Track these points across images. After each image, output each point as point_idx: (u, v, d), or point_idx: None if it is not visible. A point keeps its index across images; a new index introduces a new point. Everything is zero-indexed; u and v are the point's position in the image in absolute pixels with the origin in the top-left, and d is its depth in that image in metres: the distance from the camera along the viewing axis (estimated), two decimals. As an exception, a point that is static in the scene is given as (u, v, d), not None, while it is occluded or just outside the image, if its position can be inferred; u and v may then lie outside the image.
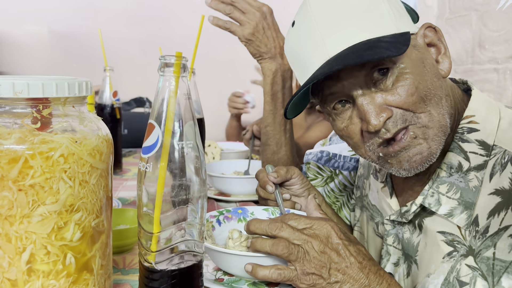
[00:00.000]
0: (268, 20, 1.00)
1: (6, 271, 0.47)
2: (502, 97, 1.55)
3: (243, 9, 0.99)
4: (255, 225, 0.65)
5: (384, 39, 0.62)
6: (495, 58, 1.58)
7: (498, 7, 1.54)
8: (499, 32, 1.56)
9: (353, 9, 0.65)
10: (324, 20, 0.66)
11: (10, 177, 0.46)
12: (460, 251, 0.65)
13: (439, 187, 0.68)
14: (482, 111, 0.69)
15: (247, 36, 0.99)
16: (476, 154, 0.66)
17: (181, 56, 0.50)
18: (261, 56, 1.02)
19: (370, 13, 0.65)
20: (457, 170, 0.67)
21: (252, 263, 0.63)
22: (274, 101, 1.03)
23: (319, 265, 0.60)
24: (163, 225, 0.51)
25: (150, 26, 2.45)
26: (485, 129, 0.67)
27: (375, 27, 0.63)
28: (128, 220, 0.85)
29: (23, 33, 2.37)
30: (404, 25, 0.66)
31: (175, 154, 0.51)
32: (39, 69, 2.36)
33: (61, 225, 0.48)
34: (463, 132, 0.68)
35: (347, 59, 0.61)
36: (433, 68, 0.67)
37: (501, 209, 0.63)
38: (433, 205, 0.68)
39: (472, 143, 0.67)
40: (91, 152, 0.50)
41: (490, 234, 0.63)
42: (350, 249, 0.62)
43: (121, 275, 0.71)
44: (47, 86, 0.47)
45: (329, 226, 0.63)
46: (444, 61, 0.69)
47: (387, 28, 0.64)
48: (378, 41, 0.62)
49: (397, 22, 0.65)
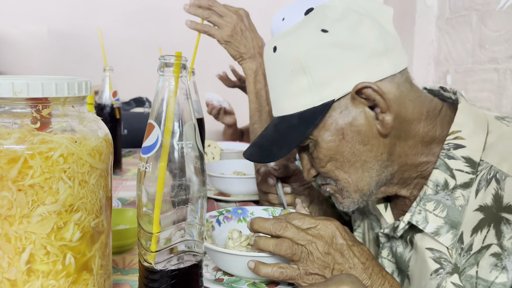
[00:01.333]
0: (245, 22, 1.02)
1: (5, 271, 0.47)
2: (502, 97, 1.55)
3: (221, 13, 1.01)
4: (258, 224, 0.65)
5: (292, 120, 0.69)
6: (495, 58, 1.58)
7: (499, 7, 1.54)
8: (500, 32, 1.56)
9: (279, 79, 0.71)
10: (268, 79, 0.75)
11: (9, 177, 0.46)
12: (446, 268, 0.65)
13: (426, 204, 0.67)
14: (469, 125, 0.67)
15: (226, 38, 1.01)
16: (462, 172, 0.65)
17: (181, 56, 0.50)
18: (241, 57, 1.04)
19: (290, 86, 0.68)
20: (443, 188, 0.66)
21: (255, 260, 0.63)
22: (258, 99, 1.04)
23: (323, 265, 0.60)
24: (163, 225, 0.51)
25: (150, 26, 2.45)
26: (471, 145, 0.66)
27: (292, 103, 0.69)
28: (128, 220, 0.85)
29: (23, 32, 2.36)
30: (330, 92, 0.66)
31: (174, 154, 0.51)
32: (39, 69, 2.36)
33: (60, 225, 0.48)
34: (449, 149, 0.66)
35: (252, 156, 0.75)
36: (359, 134, 0.67)
37: (484, 226, 0.62)
38: (420, 222, 0.67)
39: (459, 160, 0.65)
40: (91, 152, 0.50)
41: (473, 252, 0.62)
42: (353, 250, 0.62)
43: (120, 275, 0.71)
44: (47, 86, 0.47)
45: (334, 226, 0.63)
46: (384, 118, 0.66)
47: (303, 104, 0.68)
48: (288, 127, 0.69)
49: (319, 93, 0.66)
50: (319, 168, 0.71)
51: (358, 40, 0.65)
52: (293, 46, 0.67)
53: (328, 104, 0.66)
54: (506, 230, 0.60)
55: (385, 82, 0.66)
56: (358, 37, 0.65)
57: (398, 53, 0.68)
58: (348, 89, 0.66)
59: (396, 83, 0.67)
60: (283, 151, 0.69)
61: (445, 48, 1.89)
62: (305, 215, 0.65)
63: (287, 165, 0.92)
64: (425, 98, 0.71)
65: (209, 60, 2.43)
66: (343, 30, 0.66)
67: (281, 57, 0.69)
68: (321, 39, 0.66)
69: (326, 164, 0.69)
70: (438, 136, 0.69)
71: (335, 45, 0.65)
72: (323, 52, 0.66)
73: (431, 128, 0.69)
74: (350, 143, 0.67)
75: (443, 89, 0.74)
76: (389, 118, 0.65)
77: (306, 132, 0.67)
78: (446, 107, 0.71)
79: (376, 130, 0.67)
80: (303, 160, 0.74)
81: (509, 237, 0.59)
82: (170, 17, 2.41)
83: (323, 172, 0.71)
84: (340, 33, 0.66)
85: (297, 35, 0.68)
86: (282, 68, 0.69)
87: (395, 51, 0.67)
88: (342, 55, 0.65)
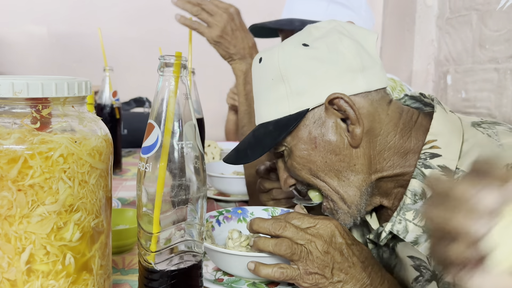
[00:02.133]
0: (236, 21, 1.00)
1: (5, 271, 0.47)
2: (502, 97, 1.55)
3: (210, 11, 0.99)
4: (258, 224, 0.65)
5: (269, 126, 0.71)
6: (495, 57, 1.58)
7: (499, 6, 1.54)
8: (500, 32, 1.56)
9: (261, 88, 0.74)
10: (253, 89, 0.77)
11: (9, 177, 0.46)
12: (425, 276, 0.65)
13: (405, 214, 0.67)
14: (445, 134, 0.67)
15: (215, 38, 0.99)
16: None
17: (181, 56, 0.50)
18: (230, 57, 1.03)
19: (270, 93, 0.72)
20: (421, 197, 0.66)
21: (255, 261, 0.63)
22: (248, 101, 1.03)
23: (322, 265, 0.60)
24: (163, 225, 0.51)
25: (150, 26, 2.44)
26: (447, 154, 0.66)
27: (270, 110, 0.72)
28: (128, 220, 0.85)
29: (23, 33, 2.36)
30: (305, 101, 0.69)
31: (174, 154, 0.51)
32: (39, 69, 2.36)
33: (60, 225, 0.48)
34: (426, 158, 0.67)
35: (228, 159, 0.78)
36: (330, 144, 0.69)
37: None
38: (401, 232, 0.67)
39: (435, 169, 0.66)
40: (91, 152, 0.50)
41: None
42: (353, 249, 0.62)
43: (120, 275, 0.71)
44: (47, 86, 0.47)
45: (333, 225, 0.63)
46: (354, 130, 0.68)
47: (280, 111, 0.70)
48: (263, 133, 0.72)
49: (294, 101, 0.69)
50: (296, 176, 0.73)
51: (335, 56, 0.69)
52: (274, 57, 0.71)
53: (303, 113, 0.69)
54: None
55: (358, 97, 0.68)
56: (335, 53, 0.69)
57: (376, 72, 0.70)
58: (322, 100, 0.68)
59: (370, 99, 0.69)
60: (256, 154, 0.71)
61: (445, 48, 1.89)
62: (304, 214, 0.66)
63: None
64: (401, 110, 0.72)
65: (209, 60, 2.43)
66: (322, 45, 0.69)
67: (264, 67, 0.73)
68: (301, 52, 0.70)
69: (301, 172, 0.71)
70: (414, 147, 0.70)
71: (313, 58, 0.69)
72: (301, 64, 0.69)
73: (406, 139, 0.70)
74: (322, 152, 0.69)
75: (422, 95, 0.75)
76: (359, 130, 0.67)
77: (279, 137, 0.69)
78: (421, 116, 0.72)
79: (347, 142, 0.69)
80: (280, 170, 0.76)
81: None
82: (170, 17, 2.40)
83: (301, 180, 0.73)
84: (319, 48, 0.69)
85: (280, 47, 0.72)
86: (264, 77, 0.73)
87: (373, 71, 0.70)
88: (319, 67, 0.69)
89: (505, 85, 1.54)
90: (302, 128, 0.69)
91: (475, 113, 1.65)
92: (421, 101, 0.75)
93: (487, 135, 0.66)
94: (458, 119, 0.71)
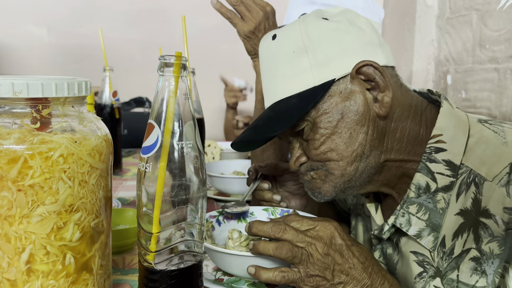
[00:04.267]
0: (270, 20, 1.00)
1: (5, 271, 0.47)
2: (502, 97, 1.55)
3: (248, 5, 0.99)
4: (257, 228, 0.64)
5: (291, 100, 0.69)
6: (495, 57, 1.58)
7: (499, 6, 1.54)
8: (500, 32, 1.56)
9: (276, 64, 0.71)
10: (263, 68, 0.76)
11: (9, 177, 0.46)
12: (429, 272, 0.66)
13: (409, 207, 0.67)
14: (450, 129, 0.67)
15: (247, 33, 0.99)
16: (443, 175, 0.66)
17: (181, 56, 0.50)
18: (256, 54, 1.03)
19: (289, 67, 0.70)
20: (425, 191, 0.67)
21: (255, 266, 0.62)
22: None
23: (323, 267, 0.60)
24: (163, 225, 0.51)
25: (150, 26, 2.45)
26: (452, 148, 0.66)
27: (291, 84, 0.70)
28: (128, 220, 0.85)
29: (23, 33, 2.37)
30: (330, 72, 0.67)
31: (174, 154, 0.51)
32: (39, 69, 2.36)
33: (60, 225, 0.48)
34: (431, 152, 0.67)
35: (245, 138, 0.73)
36: (357, 115, 0.68)
37: (464, 230, 0.63)
38: (404, 225, 0.68)
39: (440, 164, 0.66)
40: (91, 152, 0.50)
41: (454, 255, 0.63)
42: (353, 250, 0.62)
43: (120, 275, 0.71)
44: (47, 86, 0.47)
45: (333, 227, 0.63)
46: (383, 98, 0.67)
47: (303, 84, 0.69)
48: (285, 106, 0.69)
49: (319, 72, 0.68)
50: (311, 151, 0.70)
51: (356, 29, 0.69)
52: (296, 29, 0.70)
53: (328, 84, 0.68)
54: (484, 235, 0.60)
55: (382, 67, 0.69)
56: (356, 27, 0.69)
57: (388, 51, 0.71)
58: (348, 70, 0.67)
59: (389, 73, 0.70)
60: (282, 125, 0.68)
61: (445, 48, 1.89)
62: (303, 216, 0.65)
63: (277, 163, 0.92)
64: (412, 94, 0.73)
65: (209, 60, 2.43)
66: (343, 19, 0.70)
67: (282, 41, 0.72)
68: (323, 24, 0.69)
69: (321, 145, 0.69)
70: (421, 135, 0.70)
71: (336, 29, 0.69)
72: (326, 34, 0.69)
73: (416, 124, 0.70)
74: (348, 123, 0.68)
75: (430, 92, 0.75)
76: (389, 97, 0.67)
77: (307, 108, 0.67)
78: (430, 107, 0.73)
79: (373, 113, 0.68)
80: (294, 149, 0.74)
81: (487, 241, 0.60)
82: (170, 17, 2.41)
83: (315, 155, 0.70)
84: (340, 21, 0.69)
85: (300, 21, 0.71)
86: (281, 52, 0.71)
87: (386, 48, 0.71)
88: (344, 38, 0.68)
89: (505, 85, 1.54)
90: (327, 100, 0.68)
91: (475, 113, 1.64)
92: (428, 98, 0.75)
93: (493, 131, 0.67)
94: (464, 115, 0.71)
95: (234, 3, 0.98)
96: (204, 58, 2.30)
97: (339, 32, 0.68)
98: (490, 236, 0.60)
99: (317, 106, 0.68)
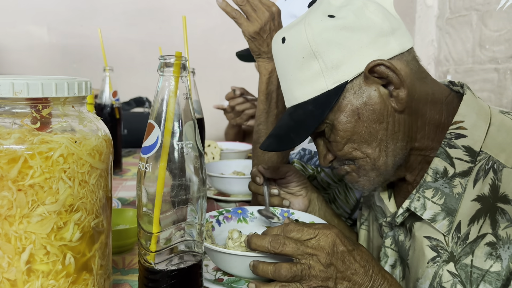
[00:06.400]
0: (276, 21, 1.00)
1: (5, 271, 0.47)
2: (502, 97, 1.55)
3: (254, 5, 0.98)
4: (255, 243, 0.63)
5: (307, 106, 0.70)
6: (495, 58, 1.58)
7: (499, 7, 1.54)
8: (500, 32, 1.56)
9: (289, 69, 0.72)
10: (279, 71, 0.76)
11: (9, 177, 0.46)
12: (442, 256, 0.66)
13: (425, 191, 0.68)
14: (472, 116, 0.68)
15: (252, 33, 0.99)
16: (462, 161, 0.66)
17: (181, 56, 0.50)
18: (260, 54, 1.02)
19: (302, 73, 0.70)
20: (442, 175, 0.67)
21: (255, 282, 0.63)
22: (268, 100, 1.03)
23: (325, 277, 0.60)
24: (163, 225, 0.51)
25: (150, 26, 2.45)
26: (473, 135, 0.67)
27: (306, 89, 0.70)
28: (128, 220, 0.85)
29: (23, 33, 2.36)
30: (342, 74, 0.67)
31: (174, 154, 0.51)
32: (39, 69, 2.36)
33: (60, 225, 0.48)
34: (451, 138, 0.67)
35: (269, 146, 0.74)
36: (374, 113, 0.68)
37: (480, 216, 0.63)
38: (418, 209, 0.68)
39: (459, 149, 0.67)
40: (91, 152, 0.50)
41: (469, 241, 0.63)
42: (354, 255, 0.61)
43: (120, 275, 0.71)
44: (47, 86, 0.47)
45: (334, 234, 0.62)
46: (398, 94, 0.67)
47: (317, 88, 0.69)
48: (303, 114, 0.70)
49: (331, 76, 0.68)
50: (336, 152, 0.72)
51: (365, 22, 0.68)
52: (302, 34, 0.69)
53: (341, 86, 0.68)
54: (501, 220, 0.61)
55: (395, 60, 0.68)
56: (364, 19, 0.68)
57: (403, 33, 0.70)
58: (360, 69, 0.67)
59: (405, 61, 0.69)
60: (301, 137, 0.70)
61: (445, 48, 1.89)
62: (303, 225, 0.64)
63: (278, 167, 0.92)
64: (431, 80, 0.73)
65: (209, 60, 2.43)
66: (349, 14, 0.68)
67: (291, 46, 0.71)
68: (329, 24, 0.68)
69: (344, 146, 0.70)
70: (443, 122, 0.70)
71: (343, 28, 0.68)
72: (332, 36, 0.68)
73: (437, 111, 0.70)
74: (366, 122, 0.68)
75: (451, 83, 0.75)
76: (404, 93, 0.67)
77: (323, 115, 0.68)
78: (453, 95, 0.73)
79: (391, 108, 0.68)
80: (319, 147, 0.75)
81: (504, 226, 0.60)
82: (170, 17, 2.41)
83: (341, 155, 0.71)
84: (346, 17, 0.68)
85: (305, 23, 0.70)
86: (292, 57, 0.71)
87: (400, 31, 0.69)
88: (351, 37, 0.67)
89: (505, 85, 1.54)
90: (342, 102, 0.68)
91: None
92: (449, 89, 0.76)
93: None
94: (487, 105, 0.72)
95: (240, 3, 0.98)
96: (204, 58, 2.30)
97: (347, 31, 0.67)
98: (508, 221, 0.60)
99: (333, 109, 0.69)
